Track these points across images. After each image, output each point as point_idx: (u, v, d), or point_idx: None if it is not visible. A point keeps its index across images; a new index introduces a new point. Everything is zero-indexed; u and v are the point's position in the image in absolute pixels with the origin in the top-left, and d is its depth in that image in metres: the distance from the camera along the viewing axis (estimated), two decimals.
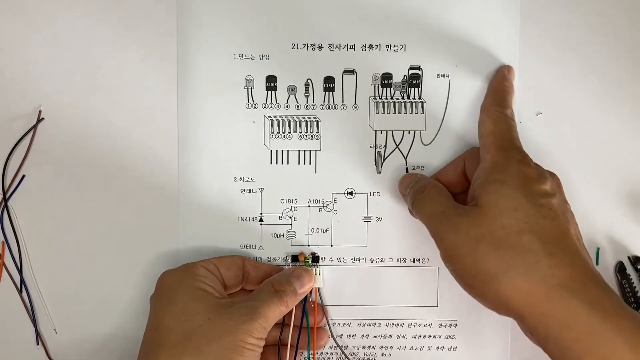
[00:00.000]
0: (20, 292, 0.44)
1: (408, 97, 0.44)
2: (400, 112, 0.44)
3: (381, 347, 0.45)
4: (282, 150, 0.44)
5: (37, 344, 0.44)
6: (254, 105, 0.43)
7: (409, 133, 0.44)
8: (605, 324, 0.32)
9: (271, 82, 0.43)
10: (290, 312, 0.41)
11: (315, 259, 0.43)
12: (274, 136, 0.44)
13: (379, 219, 0.44)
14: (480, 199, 0.36)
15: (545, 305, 0.33)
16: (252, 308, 0.38)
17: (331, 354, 0.45)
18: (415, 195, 0.39)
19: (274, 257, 0.44)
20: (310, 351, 0.42)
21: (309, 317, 0.42)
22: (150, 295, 0.40)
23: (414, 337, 0.45)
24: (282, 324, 0.42)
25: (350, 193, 0.44)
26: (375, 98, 0.43)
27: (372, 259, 0.44)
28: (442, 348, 0.45)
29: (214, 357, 0.36)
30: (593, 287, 0.33)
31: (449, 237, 0.36)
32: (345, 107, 0.43)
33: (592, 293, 0.33)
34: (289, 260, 0.43)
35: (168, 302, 0.38)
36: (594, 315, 0.32)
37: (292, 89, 0.43)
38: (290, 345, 0.42)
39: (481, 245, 0.34)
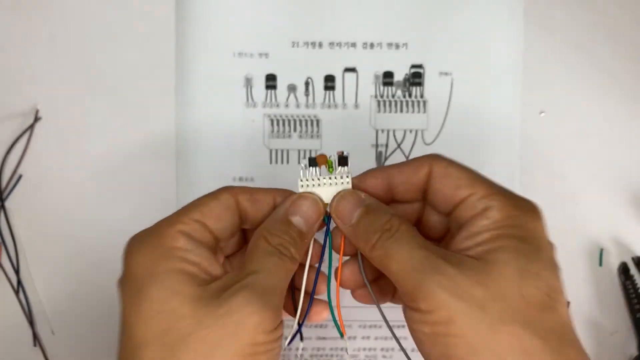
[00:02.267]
0: (17, 293, 0.43)
1: (410, 96, 0.43)
2: (401, 111, 0.43)
3: (382, 349, 0.44)
4: (282, 150, 0.43)
5: (35, 345, 0.44)
6: (253, 104, 0.43)
7: (410, 132, 0.43)
8: None
9: (271, 81, 0.43)
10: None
11: (343, 160, 0.32)
12: (274, 135, 0.43)
13: None
14: (491, 255, 0.27)
15: None
16: (254, 290, 0.27)
17: (331, 355, 0.45)
18: (381, 233, 0.28)
19: None
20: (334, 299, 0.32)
21: (332, 248, 0.32)
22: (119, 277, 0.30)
23: None
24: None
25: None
26: (376, 97, 0.43)
27: None
28: None
29: None
30: None
31: (441, 293, 0.25)
32: (346, 106, 0.43)
33: None
34: (305, 166, 0.32)
35: (138, 299, 0.27)
36: None
37: (292, 88, 0.43)
38: (305, 292, 0.31)
39: (487, 311, 0.25)
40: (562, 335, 0.26)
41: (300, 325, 0.31)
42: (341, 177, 0.31)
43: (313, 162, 0.32)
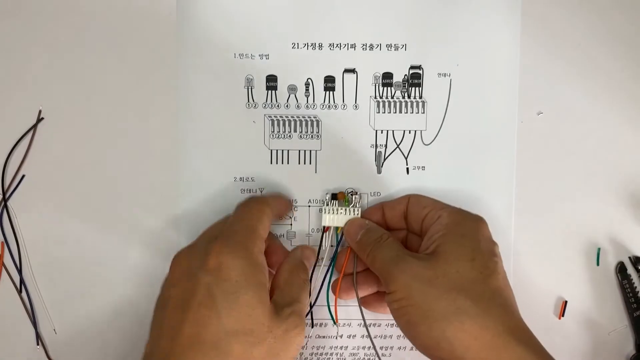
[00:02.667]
0: (19, 292, 0.44)
1: (409, 97, 0.43)
2: (400, 112, 0.43)
3: (381, 348, 0.45)
4: (283, 150, 0.44)
5: (37, 344, 0.44)
6: (254, 105, 0.43)
7: (409, 133, 0.44)
8: None
9: (271, 82, 0.43)
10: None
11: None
12: (274, 136, 0.43)
13: None
14: (439, 248, 0.37)
15: (489, 351, 0.33)
16: (298, 315, 0.36)
17: (331, 354, 0.45)
18: (373, 244, 0.39)
19: None
20: (332, 300, 0.43)
21: (336, 262, 0.43)
22: (179, 261, 0.37)
23: None
24: (313, 267, 0.43)
25: (351, 193, 0.44)
26: (375, 98, 0.43)
27: None
28: None
29: None
30: (535, 338, 0.35)
31: (401, 276, 0.36)
32: (345, 107, 0.43)
33: (535, 342, 0.34)
34: (328, 198, 0.43)
35: (235, 298, 0.34)
36: None
37: (292, 89, 0.43)
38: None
39: (434, 285, 0.35)
40: (490, 299, 0.35)
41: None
42: (353, 209, 0.42)
43: (334, 196, 0.43)
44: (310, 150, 0.44)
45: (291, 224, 0.44)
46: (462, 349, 0.33)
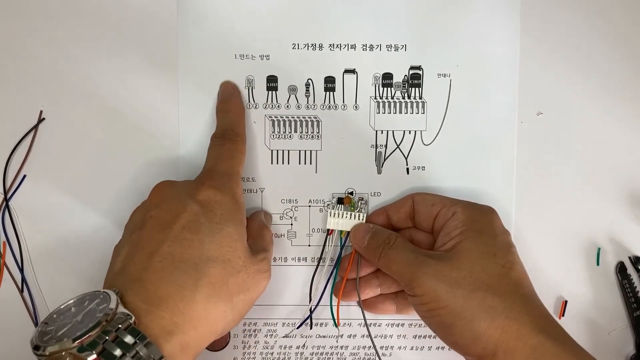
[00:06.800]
0: (21, 291, 0.44)
1: (409, 97, 0.44)
2: (400, 112, 0.44)
3: (382, 347, 0.45)
4: (283, 150, 0.44)
5: None
6: (254, 105, 0.43)
7: (409, 133, 0.44)
8: (571, 357, 0.35)
9: (272, 82, 0.43)
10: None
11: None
12: (275, 136, 0.44)
13: None
14: (459, 245, 0.38)
15: (516, 341, 0.35)
16: (268, 263, 0.39)
17: (331, 354, 0.45)
18: (383, 246, 0.39)
19: (275, 257, 0.44)
20: (335, 300, 0.43)
21: (340, 266, 0.43)
22: (173, 188, 0.38)
23: (415, 337, 0.45)
24: (316, 268, 0.44)
25: (351, 193, 0.44)
26: (375, 98, 0.43)
27: None
28: (443, 348, 0.45)
29: (237, 310, 0.36)
30: (555, 323, 0.36)
31: (428, 280, 0.36)
32: (345, 107, 0.43)
33: (555, 328, 0.36)
34: (334, 202, 0.44)
35: (219, 229, 0.36)
36: (558, 346, 0.35)
37: (292, 89, 0.43)
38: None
39: (461, 286, 0.36)
40: (514, 293, 0.36)
41: (311, 312, 0.44)
42: (358, 213, 0.43)
43: (341, 201, 0.43)
44: (311, 151, 0.44)
45: (292, 224, 0.44)
46: (494, 343, 0.35)
